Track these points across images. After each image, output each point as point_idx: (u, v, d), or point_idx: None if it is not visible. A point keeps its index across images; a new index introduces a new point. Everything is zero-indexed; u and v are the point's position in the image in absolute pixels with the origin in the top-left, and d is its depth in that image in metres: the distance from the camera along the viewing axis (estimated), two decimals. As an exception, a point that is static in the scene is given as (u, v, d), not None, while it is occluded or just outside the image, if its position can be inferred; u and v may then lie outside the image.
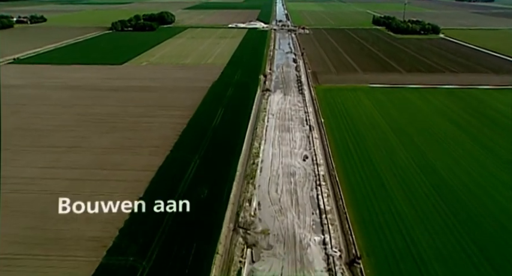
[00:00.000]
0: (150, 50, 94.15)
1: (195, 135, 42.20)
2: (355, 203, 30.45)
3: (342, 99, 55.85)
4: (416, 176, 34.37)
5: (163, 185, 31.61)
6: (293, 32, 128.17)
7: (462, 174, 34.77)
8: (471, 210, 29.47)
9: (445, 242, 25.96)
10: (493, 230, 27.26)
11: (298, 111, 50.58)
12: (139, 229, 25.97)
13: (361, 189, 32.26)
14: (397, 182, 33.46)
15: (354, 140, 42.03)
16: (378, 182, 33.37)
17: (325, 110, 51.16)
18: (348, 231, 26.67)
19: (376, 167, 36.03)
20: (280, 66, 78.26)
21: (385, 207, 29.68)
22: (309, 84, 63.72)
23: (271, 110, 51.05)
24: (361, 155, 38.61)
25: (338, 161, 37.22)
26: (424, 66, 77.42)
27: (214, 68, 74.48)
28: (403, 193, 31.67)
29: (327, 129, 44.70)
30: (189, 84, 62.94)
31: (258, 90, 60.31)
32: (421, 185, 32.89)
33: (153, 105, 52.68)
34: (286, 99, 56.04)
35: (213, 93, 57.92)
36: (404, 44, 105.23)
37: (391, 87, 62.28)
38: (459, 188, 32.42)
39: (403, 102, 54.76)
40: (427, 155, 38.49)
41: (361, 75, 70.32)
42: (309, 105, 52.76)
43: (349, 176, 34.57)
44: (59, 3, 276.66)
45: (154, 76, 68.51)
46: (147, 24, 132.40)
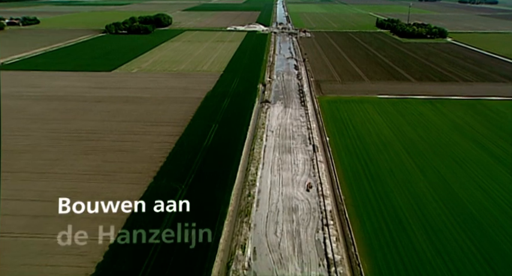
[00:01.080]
0: (143, 55, 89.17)
1: (183, 158, 37.12)
2: (369, 249, 25.33)
3: (349, 112, 50.74)
4: (439, 212, 29.27)
5: (139, 225, 26.46)
6: (294, 36, 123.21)
7: (493, 208, 29.65)
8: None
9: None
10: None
11: (300, 128, 45.45)
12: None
13: (376, 230, 27.15)
14: (417, 219, 28.33)
15: (364, 164, 36.90)
16: (395, 220, 28.27)
17: (331, 126, 46.05)
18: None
19: (392, 199, 30.94)
20: (280, 73, 73.20)
21: (406, 256, 24.55)
22: (312, 94, 58.64)
23: (271, 126, 45.94)
24: (373, 183, 33.47)
25: (347, 192, 32.10)
26: (434, 74, 72.33)
27: (209, 76, 69.48)
28: (426, 235, 26.56)
29: (333, 150, 39.57)
30: (181, 95, 57.88)
31: (256, 102, 55.25)
32: (446, 224, 27.76)
33: (140, 119, 47.61)
34: (287, 112, 50.95)
35: (206, 106, 52.84)
36: (411, 48, 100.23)
37: (401, 98, 57.20)
38: (493, 228, 27.27)
39: (415, 116, 49.62)
40: (448, 183, 33.41)
41: (368, 84, 65.25)
42: (313, 120, 47.66)
43: (361, 211, 29.44)
44: (55, 4, 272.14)
45: (145, 85, 63.45)
46: (142, 27, 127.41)
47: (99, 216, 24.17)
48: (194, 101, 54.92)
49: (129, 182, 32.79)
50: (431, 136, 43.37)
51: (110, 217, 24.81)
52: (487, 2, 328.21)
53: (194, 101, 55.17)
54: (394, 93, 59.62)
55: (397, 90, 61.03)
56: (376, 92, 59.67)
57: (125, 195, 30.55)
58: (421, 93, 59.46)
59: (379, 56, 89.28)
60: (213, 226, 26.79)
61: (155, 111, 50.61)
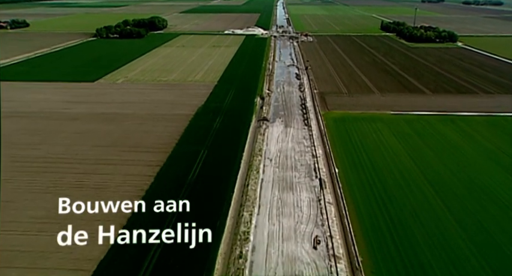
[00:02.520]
0: (132, 62, 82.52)
1: (161, 198, 30.23)
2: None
3: (359, 133, 43.98)
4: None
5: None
6: (295, 40, 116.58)
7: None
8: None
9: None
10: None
11: (304, 154, 38.71)
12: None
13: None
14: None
15: (383, 205, 30.19)
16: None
17: (339, 152, 39.30)
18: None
19: (422, 260, 24.17)
20: (280, 84, 66.48)
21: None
22: (316, 110, 51.92)
23: (269, 152, 39.20)
24: (395, 234, 26.76)
25: (364, 248, 25.36)
26: (450, 84, 65.59)
27: (202, 87, 62.80)
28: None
29: (343, 185, 32.82)
30: (167, 111, 51.16)
31: (252, 120, 48.54)
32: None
33: (116, 143, 40.91)
34: (288, 133, 44.20)
35: (196, 126, 46.13)
36: (421, 54, 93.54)
37: (417, 115, 50.48)
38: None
39: (437, 139, 42.85)
40: (490, 233, 26.68)
41: (378, 97, 58.52)
42: (318, 144, 40.90)
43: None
44: (50, 6, 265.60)
45: (128, 98, 56.76)
46: (134, 30, 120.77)
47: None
48: (182, 119, 48.21)
49: (91, 236, 26.05)
50: (460, 166, 36.60)
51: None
52: (491, 3, 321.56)
53: (182, 118, 48.46)
54: (408, 108, 52.91)
55: (412, 105, 54.32)
56: (388, 107, 52.95)
57: (84, 256, 23.97)
58: (439, 109, 52.74)
59: (387, 63, 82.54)
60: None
61: (135, 133, 43.86)
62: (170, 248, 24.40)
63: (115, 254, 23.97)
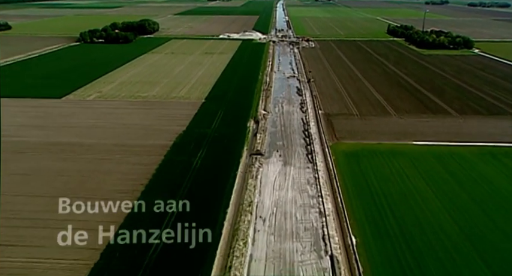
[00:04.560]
0: (112, 73, 72.93)
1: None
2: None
3: (379, 176, 34.39)
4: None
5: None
6: (296, 46, 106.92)
7: None
8: None
9: None
10: None
11: (308, 211, 29.19)
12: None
13: None
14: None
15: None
16: None
17: (356, 208, 29.74)
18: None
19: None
20: (279, 101, 56.85)
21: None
22: (322, 140, 42.30)
23: (262, 207, 29.66)
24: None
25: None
26: (479, 103, 56.02)
27: (186, 106, 53.20)
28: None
29: (365, 268, 23.22)
30: (139, 141, 41.55)
31: (243, 153, 38.92)
32: None
33: (61, 193, 31.10)
34: (287, 175, 34.61)
35: (170, 164, 36.55)
36: (436, 63, 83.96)
37: (447, 146, 40.99)
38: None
39: (481, 186, 33.31)
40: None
41: (396, 120, 48.93)
42: (326, 194, 31.37)
43: None
44: (42, 7, 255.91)
45: (96, 122, 47.13)
46: (121, 35, 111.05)
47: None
48: (155, 153, 38.63)
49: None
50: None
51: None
52: (498, 5, 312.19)
53: (156, 152, 38.87)
54: (434, 136, 43.36)
55: (438, 131, 44.77)
56: (410, 135, 43.38)
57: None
58: (472, 137, 43.18)
59: (400, 75, 72.94)
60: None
61: (92, 175, 34.25)
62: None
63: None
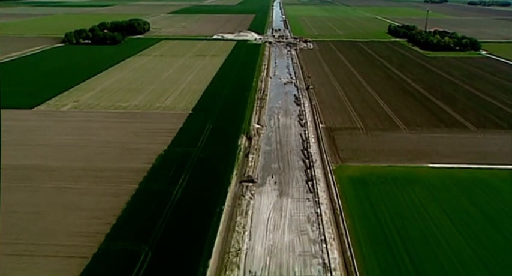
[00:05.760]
0: (94, 78, 67.02)
1: None
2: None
3: (393, 211, 28.91)
4: None
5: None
6: (293, 47, 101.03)
7: None
8: None
9: None
10: None
11: (309, 263, 23.84)
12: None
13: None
14: None
15: None
16: None
17: (368, 258, 24.21)
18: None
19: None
20: (275, 112, 51.18)
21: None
22: (325, 161, 36.69)
23: (252, 258, 24.19)
24: None
25: None
26: (497, 114, 50.55)
27: (171, 118, 47.45)
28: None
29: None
30: (112, 164, 35.80)
31: (232, 180, 33.23)
32: None
33: (7, 236, 25.59)
34: (283, 210, 29.09)
35: (145, 196, 30.84)
36: (443, 67, 78.41)
37: (468, 169, 35.46)
38: None
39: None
40: None
41: (407, 135, 43.34)
42: (331, 238, 25.88)
43: None
44: (33, 5, 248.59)
45: (65, 139, 41.32)
46: (108, 35, 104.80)
47: None
48: (129, 179, 32.95)
49: None
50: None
51: None
52: (498, 3, 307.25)
53: (130, 178, 33.19)
54: (452, 156, 37.85)
55: (456, 150, 39.26)
56: (424, 155, 37.86)
57: None
58: (495, 158, 37.71)
59: (406, 80, 67.38)
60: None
61: (49, 211, 28.57)
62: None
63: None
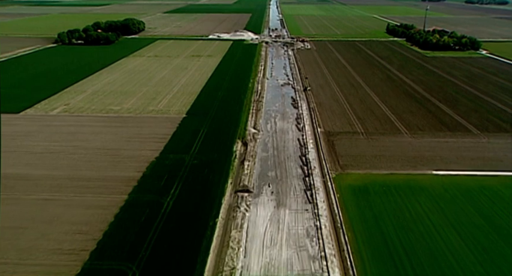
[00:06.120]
0: (86, 80, 65.18)
1: None
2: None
3: (397, 224, 27.38)
4: None
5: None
6: (290, 47, 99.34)
7: None
8: None
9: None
10: None
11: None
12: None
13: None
14: None
15: None
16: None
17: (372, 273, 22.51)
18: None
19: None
20: (272, 116, 49.49)
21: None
22: (324, 169, 35.05)
23: None
24: None
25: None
26: (500, 117, 49.06)
27: (164, 123, 45.66)
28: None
29: None
30: (100, 173, 34.03)
31: (227, 190, 31.53)
32: None
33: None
34: (281, 223, 27.46)
35: (134, 208, 29.12)
36: (443, 67, 76.87)
37: (473, 177, 33.86)
38: None
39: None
40: None
41: (408, 139, 41.74)
42: (332, 255, 24.31)
43: None
44: (27, 4, 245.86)
45: (52, 145, 39.51)
46: (102, 36, 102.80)
47: None
48: (118, 190, 31.21)
49: None
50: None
51: None
52: (496, 2, 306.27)
53: (119, 188, 31.45)
54: (457, 163, 36.29)
55: (460, 156, 37.68)
56: (428, 161, 36.27)
57: None
58: (502, 164, 36.20)
59: (406, 81, 65.82)
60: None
61: (30, 227, 26.78)
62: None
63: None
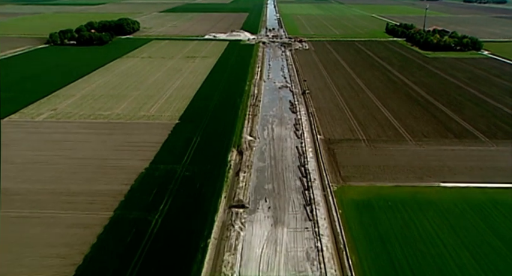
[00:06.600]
0: (76, 82, 62.78)
1: None
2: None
3: (404, 244, 25.34)
4: None
5: None
6: (288, 48, 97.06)
7: None
8: None
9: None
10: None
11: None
12: None
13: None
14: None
15: None
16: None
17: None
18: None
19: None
20: (269, 122, 47.21)
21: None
22: (324, 182, 32.82)
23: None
24: None
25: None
26: (507, 121, 46.97)
27: (155, 130, 43.35)
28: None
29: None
30: (85, 186, 31.70)
31: (220, 206, 29.27)
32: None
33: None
34: (278, 244, 25.28)
35: (119, 227, 26.89)
36: (446, 68, 74.76)
37: (484, 189, 31.70)
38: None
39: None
40: None
41: (413, 147, 39.58)
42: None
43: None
44: (21, 4, 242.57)
45: (36, 155, 37.14)
46: (95, 36, 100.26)
47: None
48: (104, 205, 28.96)
49: None
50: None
51: None
52: (494, 1, 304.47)
53: (105, 203, 29.19)
54: (466, 173, 34.17)
55: (468, 166, 35.55)
56: (435, 173, 34.15)
57: None
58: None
59: (408, 84, 63.68)
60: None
61: (4, 250, 24.42)
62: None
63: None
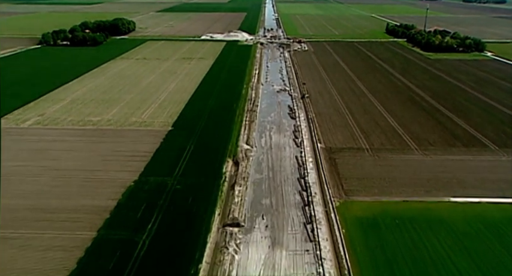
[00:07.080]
0: (66, 86, 60.39)
1: None
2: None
3: (415, 271, 22.74)
4: None
5: None
6: (286, 49, 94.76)
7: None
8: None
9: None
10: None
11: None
12: None
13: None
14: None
15: None
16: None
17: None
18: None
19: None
20: (266, 129, 44.87)
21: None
22: (325, 194, 30.52)
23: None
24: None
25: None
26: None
27: (147, 138, 40.99)
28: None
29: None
30: (68, 201, 29.38)
31: (213, 224, 26.96)
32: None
33: None
34: (276, 268, 23.37)
35: (102, 249, 24.55)
36: (449, 71, 72.57)
37: (498, 204, 29.54)
38: None
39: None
40: None
41: (420, 157, 37.34)
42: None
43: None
44: (15, 3, 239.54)
45: (18, 165, 34.77)
46: (89, 36, 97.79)
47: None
48: (87, 224, 26.64)
49: None
50: None
51: None
52: (494, 1, 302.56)
53: (88, 222, 26.88)
54: (477, 187, 31.93)
55: (480, 178, 33.37)
56: (445, 186, 31.90)
57: None
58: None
59: (411, 87, 61.45)
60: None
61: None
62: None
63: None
